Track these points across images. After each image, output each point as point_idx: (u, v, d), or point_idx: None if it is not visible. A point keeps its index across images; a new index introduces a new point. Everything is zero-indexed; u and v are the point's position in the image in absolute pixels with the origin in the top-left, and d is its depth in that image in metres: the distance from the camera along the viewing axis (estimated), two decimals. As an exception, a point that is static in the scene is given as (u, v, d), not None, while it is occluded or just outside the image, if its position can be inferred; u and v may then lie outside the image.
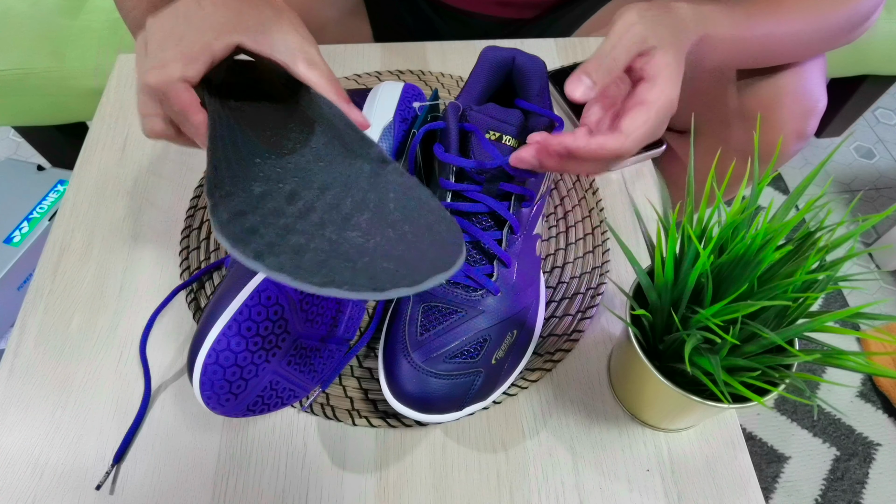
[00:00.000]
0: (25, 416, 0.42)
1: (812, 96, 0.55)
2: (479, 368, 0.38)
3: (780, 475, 0.91)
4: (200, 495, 0.39)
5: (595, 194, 0.53)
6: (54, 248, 0.49)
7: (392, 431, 0.41)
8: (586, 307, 0.47)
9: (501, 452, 0.41)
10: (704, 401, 0.34)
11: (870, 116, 1.37)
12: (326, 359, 0.41)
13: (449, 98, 0.60)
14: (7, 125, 0.95)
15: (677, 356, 0.35)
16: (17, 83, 0.82)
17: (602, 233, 0.51)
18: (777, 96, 0.54)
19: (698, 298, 0.34)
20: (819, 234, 0.32)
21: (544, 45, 0.65)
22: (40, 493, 0.39)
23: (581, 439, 0.41)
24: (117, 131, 0.57)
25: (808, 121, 0.56)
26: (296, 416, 0.42)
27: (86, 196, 0.53)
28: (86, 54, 0.80)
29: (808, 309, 0.32)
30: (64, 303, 0.46)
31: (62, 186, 0.95)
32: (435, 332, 0.38)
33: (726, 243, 0.33)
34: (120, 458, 0.40)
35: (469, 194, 0.42)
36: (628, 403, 0.42)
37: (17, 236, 0.89)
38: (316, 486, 0.39)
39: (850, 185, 1.25)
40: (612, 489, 0.39)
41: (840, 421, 0.96)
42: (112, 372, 0.43)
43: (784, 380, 0.33)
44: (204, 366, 0.34)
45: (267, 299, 0.35)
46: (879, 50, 1.00)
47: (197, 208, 0.52)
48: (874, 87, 1.17)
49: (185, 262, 0.49)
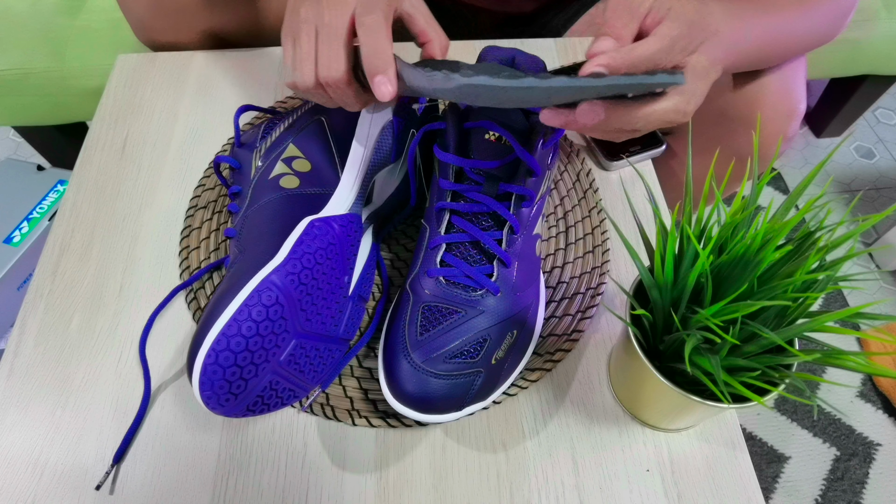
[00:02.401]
0: (25, 416, 0.42)
1: (793, 98, 0.55)
2: (479, 368, 0.38)
3: (780, 475, 0.91)
4: (200, 495, 0.39)
5: (595, 194, 0.53)
6: (54, 248, 0.49)
7: (392, 431, 0.41)
8: (586, 307, 0.47)
9: (501, 452, 0.41)
10: (704, 401, 0.34)
11: (870, 116, 1.37)
12: (326, 359, 0.41)
13: (449, 98, 0.60)
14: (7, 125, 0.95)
15: (677, 356, 0.35)
16: (17, 83, 0.82)
17: (602, 233, 0.51)
18: (759, 97, 0.55)
19: (698, 298, 0.34)
20: (819, 234, 0.32)
21: (544, 45, 0.65)
22: (40, 493, 0.39)
23: (581, 439, 0.41)
24: (117, 131, 0.57)
25: (790, 123, 0.56)
26: (296, 416, 0.42)
27: (86, 196, 0.53)
28: (86, 54, 0.80)
29: (808, 309, 0.32)
30: (64, 303, 0.46)
31: (62, 186, 0.95)
32: (435, 332, 0.38)
33: (726, 243, 0.33)
34: (120, 458, 0.40)
35: (469, 194, 0.42)
36: (628, 403, 0.42)
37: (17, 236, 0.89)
38: (316, 486, 0.39)
39: (850, 185, 1.25)
40: (612, 489, 0.39)
41: (840, 421, 0.96)
42: (112, 372, 0.43)
43: (784, 380, 0.33)
44: (204, 366, 0.34)
45: (267, 299, 0.35)
46: (879, 50, 1.00)
47: (197, 208, 0.52)
48: (874, 87, 1.17)
49: (185, 262, 0.49)
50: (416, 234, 0.51)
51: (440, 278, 0.40)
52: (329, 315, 0.40)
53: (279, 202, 0.42)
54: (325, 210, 0.42)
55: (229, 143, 0.56)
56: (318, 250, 0.38)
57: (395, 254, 0.50)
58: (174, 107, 0.59)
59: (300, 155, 0.45)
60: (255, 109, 0.48)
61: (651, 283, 0.35)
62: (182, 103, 0.59)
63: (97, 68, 0.82)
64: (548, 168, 0.45)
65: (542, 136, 0.42)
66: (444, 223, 0.42)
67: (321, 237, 0.39)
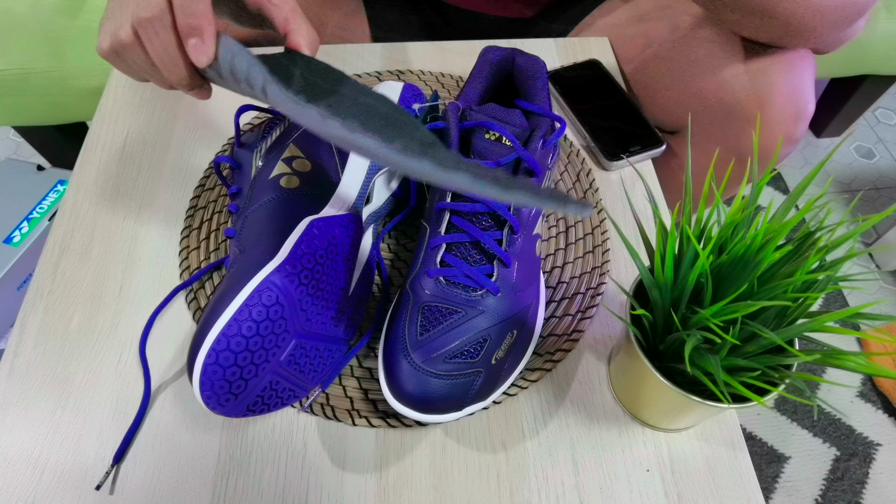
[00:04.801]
0: (25, 416, 0.42)
1: (802, 98, 0.55)
2: (479, 368, 0.38)
3: (780, 475, 0.91)
4: (200, 495, 0.39)
5: (595, 194, 0.53)
6: (54, 248, 0.49)
7: (392, 431, 0.41)
8: (586, 307, 0.47)
9: (501, 452, 0.41)
10: (704, 401, 0.34)
11: (870, 116, 1.37)
12: (326, 359, 0.41)
13: (449, 98, 0.60)
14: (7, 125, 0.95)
15: (677, 356, 0.35)
16: (17, 83, 0.82)
17: (602, 233, 0.51)
18: (768, 97, 0.55)
19: (698, 298, 0.34)
20: (819, 234, 0.32)
21: (544, 45, 0.65)
22: (40, 493, 0.39)
23: (581, 439, 0.41)
24: (117, 131, 0.57)
25: (798, 124, 0.56)
26: (296, 416, 0.42)
27: (86, 196, 0.53)
28: (86, 54, 0.80)
29: (808, 309, 0.32)
30: (64, 303, 0.46)
31: (62, 186, 0.95)
32: (435, 332, 0.38)
33: (726, 243, 0.33)
34: (120, 458, 0.40)
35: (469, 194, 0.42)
36: (628, 403, 0.42)
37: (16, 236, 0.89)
38: (316, 486, 0.39)
39: (850, 185, 1.25)
40: (612, 489, 0.39)
41: (840, 421, 0.96)
42: (112, 372, 0.43)
43: (784, 380, 0.33)
44: (204, 366, 0.34)
45: (267, 299, 0.35)
46: (879, 50, 1.00)
47: (197, 208, 0.52)
48: (874, 87, 1.17)
49: (185, 262, 0.49)
50: (416, 234, 0.51)
51: (440, 278, 0.40)
52: (329, 315, 0.40)
53: (279, 202, 0.42)
54: (325, 210, 0.42)
55: (229, 143, 0.56)
56: (318, 250, 0.38)
57: (395, 254, 0.50)
58: (174, 107, 0.59)
59: (300, 155, 0.45)
60: (255, 109, 0.48)
61: (651, 283, 0.35)
62: (182, 103, 0.59)
63: (97, 68, 0.82)
64: (548, 168, 0.45)
65: (543, 136, 0.42)
66: (444, 223, 0.42)
67: (321, 237, 0.39)
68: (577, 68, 0.62)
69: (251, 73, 0.32)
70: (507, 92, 0.50)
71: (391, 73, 0.62)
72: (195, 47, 0.34)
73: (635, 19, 0.64)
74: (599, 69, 0.61)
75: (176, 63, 0.35)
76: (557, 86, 0.60)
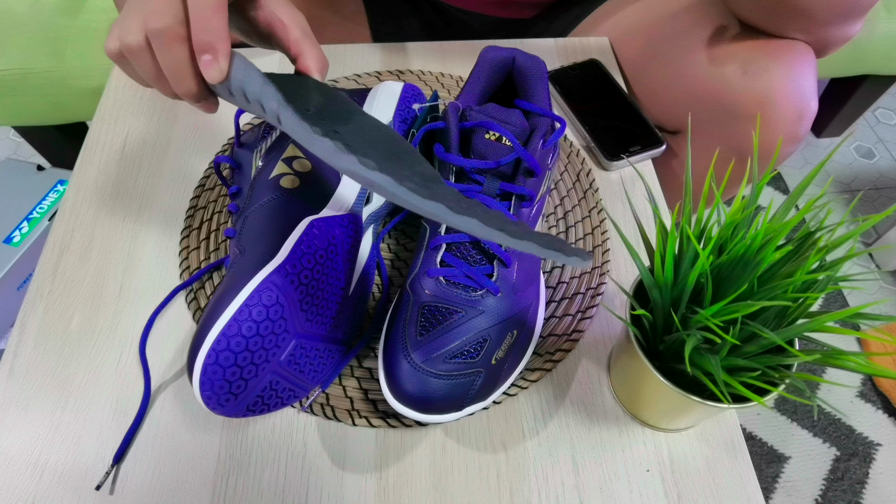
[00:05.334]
0: (25, 416, 0.42)
1: (805, 97, 0.55)
2: (479, 368, 0.38)
3: (780, 475, 0.91)
4: (200, 495, 0.39)
5: (595, 194, 0.53)
6: (54, 248, 0.49)
7: (392, 431, 0.41)
8: (586, 307, 0.47)
9: (501, 452, 0.41)
10: (704, 401, 0.34)
11: (870, 116, 1.37)
12: (326, 359, 0.41)
13: (449, 98, 0.60)
14: (7, 125, 0.95)
15: (677, 356, 0.35)
16: (17, 83, 0.82)
17: (602, 233, 0.51)
18: (769, 96, 0.54)
19: (698, 298, 0.34)
20: (819, 234, 0.32)
21: (544, 45, 0.65)
22: (40, 493, 0.39)
23: (581, 439, 0.41)
24: (117, 131, 0.57)
25: (801, 123, 0.56)
26: (296, 416, 0.42)
27: (86, 196, 0.53)
28: (86, 54, 0.80)
29: (808, 309, 0.32)
30: (64, 303, 0.46)
31: (62, 186, 0.95)
32: (435, 332, 0.38)
33: (726, 243, 0.33)
34: (120, 458, 0.40)
35: (469, 194, 0.42)
36: (628, 403, 0.42)
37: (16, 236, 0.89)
38: (316, 486, 0.39)
39: (850, 185, 1.25)
40: (612, 489, 0.39)
41: (840, 421, 0.96)
42: (112, 372, 0.43)
43: (784, 380, 0.33)
44: (204, 366, 0.34)
45: (267, 299, 0.35)
46: (879, 50, 1.00)
47: (197, 208, 0.52)
48: (874, 87, 1.17)
49: (185, 262, 0.49)
50: (416, 234, 0.51)
51: (440, 278, 0.40)
52: (329, 315, 0.40)
53: (279, 202, 0.42)
54: (325, 210, 0.42)
55: (229, 144, 0.56)
56: (318, 250, 0.38)
57: (395, 254, 0.50)
58: (174, 107, 0.59)
59: (300, 155, 0.45)
60: (255, 109, 0.48)
61: (651, 283, 0.35)
62: (182, 103, 0.59)
63: (97, 68, 0.82)
64: (548, 168, 0.45)
65: (543, 136, 0.42)
66: (443, 223, 0.42)
67: (321, 237, 0.39)
68: (577, 68, 0.62)
69: (263, 95, 0.32)
70: (507, 92, 0.50)
71: (391, 73, 0.62)
72: (208, 64, 0.33)
73: (635, 20, 0.64)
74: (599, 69, 0.62)
75: (186, 76, 0.34)
76: (557, 86, 0.60)
